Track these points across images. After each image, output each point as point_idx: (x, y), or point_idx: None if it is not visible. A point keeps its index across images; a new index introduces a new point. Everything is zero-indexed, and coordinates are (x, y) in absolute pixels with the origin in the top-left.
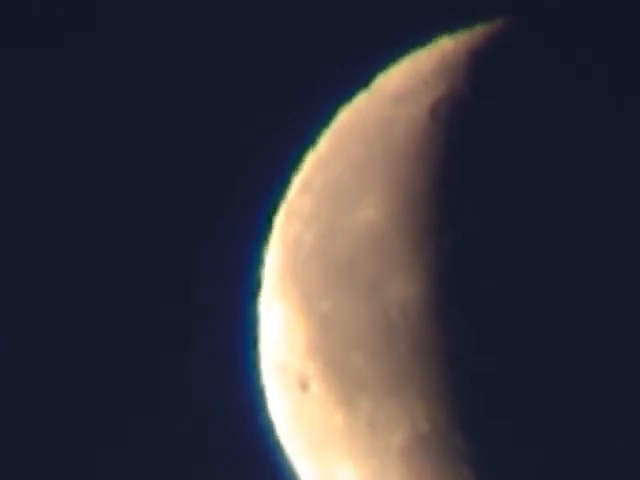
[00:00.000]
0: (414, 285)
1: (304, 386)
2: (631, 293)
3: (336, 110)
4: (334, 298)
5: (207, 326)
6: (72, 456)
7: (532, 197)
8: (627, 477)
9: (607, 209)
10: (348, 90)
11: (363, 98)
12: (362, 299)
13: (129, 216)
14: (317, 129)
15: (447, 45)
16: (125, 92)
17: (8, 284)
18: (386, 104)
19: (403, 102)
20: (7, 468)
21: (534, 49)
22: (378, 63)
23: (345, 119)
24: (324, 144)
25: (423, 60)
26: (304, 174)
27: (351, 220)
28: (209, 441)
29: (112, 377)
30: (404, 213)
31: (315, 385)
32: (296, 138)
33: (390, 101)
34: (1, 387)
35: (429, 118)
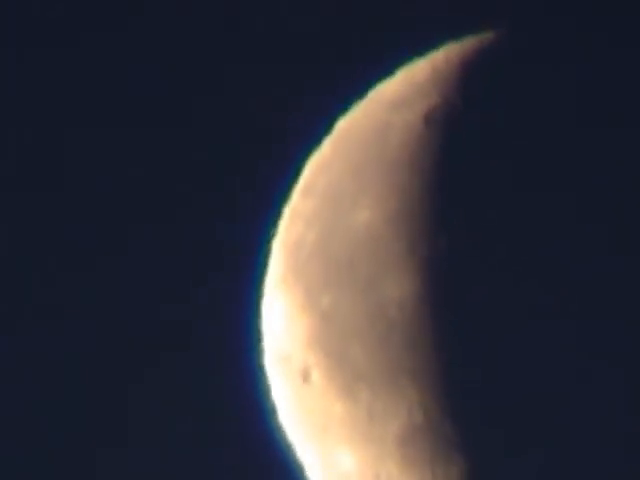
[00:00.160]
0: (409, 283)
1: (306, 376)
2: (625, 299)
3: (337, 117)
4: (334, 294)
5: (207, 326)
6: (72, 456)
7: (520, 201)
8: (627, 478)
9: (601, 214)
10: (348, 98)
11: (361, 106)
12: (360, 295)
13: (129, 216)
14: (318, 133)
15: (440, 57)
16: (125, 92)
17: (8, 284)
18: (383, 111)
19: (398, 109)
20: (7, 468)
21: (522, 60)
22: (376, 73)
23: (345, 125)
24: (325, 149)
25: (417, 71)
26: (306, 177)
27: (350, 221)
28: (209, 441)
29: (112, 377)
30: (399, 215)
31: (316, 376)
32: (296, 140)
33: (386, 108)
34: (1, 387)
35: (423, 125)
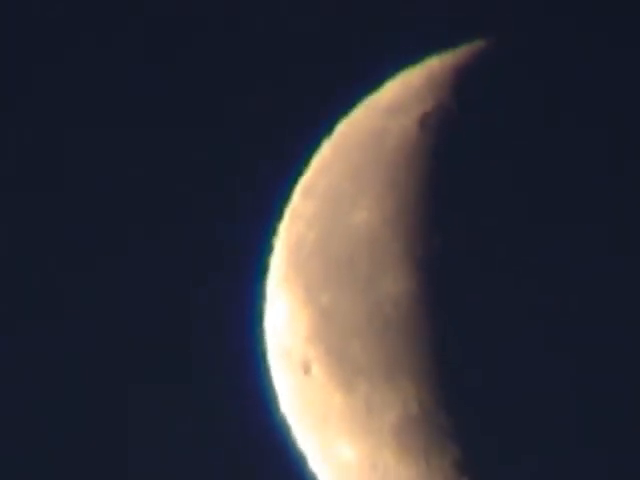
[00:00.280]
0: (406, 281)
1: (306, 370)
2: (625, 299)
3: (337, 117)
4: (333, 291)
5: (207, 326)
6: (72, 456)
7: (518, 202)
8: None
9: (601, 214)
10: (348, 98)
11: (360, 110)
12: (359, 293)
13: (129, 216)
14: (318, 133)
15: (435, 64)
16: (125, 92)
17: (8, 284)
18: (380, 116)
19: (395, 114)
20: (7, 468)
21: (515, 66)
22: (375, 73)
23: (344, 129)
24: (325, 151)
25: (413, 77)
26: (307, 179)
27: (349, 221)
28: (209, 441)
29: (112, 377)
30: (397, 215)
31: (316, 369)
32: (296, 140)
33: (383, 113)
34: (1, 387)
35: (418, 129)
